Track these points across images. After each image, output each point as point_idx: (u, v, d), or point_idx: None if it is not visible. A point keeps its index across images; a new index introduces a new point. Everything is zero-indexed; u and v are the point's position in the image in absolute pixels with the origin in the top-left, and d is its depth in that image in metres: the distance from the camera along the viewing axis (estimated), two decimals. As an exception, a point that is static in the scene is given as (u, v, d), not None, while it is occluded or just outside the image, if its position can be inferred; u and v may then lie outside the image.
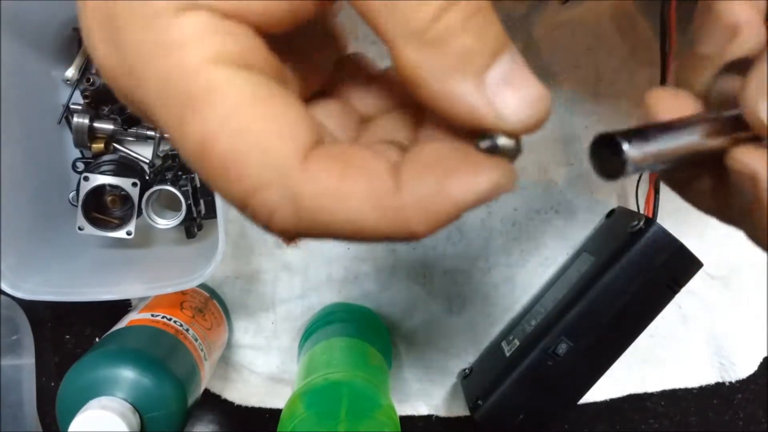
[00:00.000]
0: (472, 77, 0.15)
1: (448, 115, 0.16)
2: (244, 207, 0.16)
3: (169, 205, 0.51)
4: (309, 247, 0.54)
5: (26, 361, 0.55)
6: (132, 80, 0.15)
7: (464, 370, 0.55)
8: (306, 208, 0.15)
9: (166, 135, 0.17)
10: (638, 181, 0.50)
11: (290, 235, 0.16)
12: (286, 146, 0.15)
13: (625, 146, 0.17)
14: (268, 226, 0.16)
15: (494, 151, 0.16)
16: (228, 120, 0.15)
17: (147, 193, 0.48)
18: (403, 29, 0.15)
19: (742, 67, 0.20)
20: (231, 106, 0.15)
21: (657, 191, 0.49)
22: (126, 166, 0.50)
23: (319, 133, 0.16)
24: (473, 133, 0.16)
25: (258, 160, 0.15)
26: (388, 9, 0.15)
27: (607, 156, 0.18)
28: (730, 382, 0.57)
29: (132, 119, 0.50)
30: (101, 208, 0.49)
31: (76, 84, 0.50)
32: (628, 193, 0.52)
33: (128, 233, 0.48)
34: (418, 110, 0.20)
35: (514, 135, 0.16)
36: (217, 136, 0.15)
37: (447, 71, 0.15)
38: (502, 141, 0.16)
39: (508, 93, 0.15)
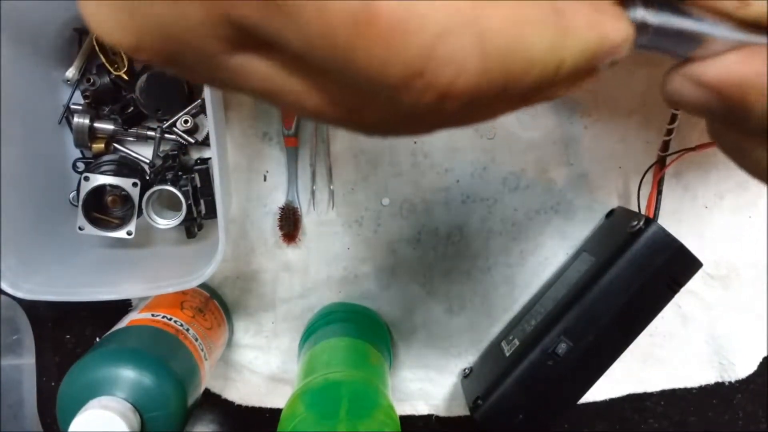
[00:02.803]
0: None
1: None
2: (419, 75, 0.13)
3: (170, 205, 0.51)
4: (309, 247, 0.54)
5: (27, 361, 0.55)
6: None
7: (464, 369, 0.55)
8: (493, 46, 0.13)
9: (293, 13, 0.12)
10: (641, 181, 0.50)
11: (470, 96, 0.13)
12: None
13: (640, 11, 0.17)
14: (446, 95, 0.13)
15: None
16: None
17: (147, 193, 0.48)
18: None
19: None
20: None
21: (659, 191, 0.49)
22: (126, 166, 0.50)
23: None
24: None
25: (435, 5, 0.12)
26: None
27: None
28: (730, 382, 0.57)
29: (132, 119, 0.51)
30: (102, 208, 0.49)
31: (76, 84, 0.50)
32: (629, 193, 0.52)
33: (129, 233, 0.48)
34: None
35: None
36: None
37: None
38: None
39: None
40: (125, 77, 0.49)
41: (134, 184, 0.47)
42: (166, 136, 0.51)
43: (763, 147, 0.19)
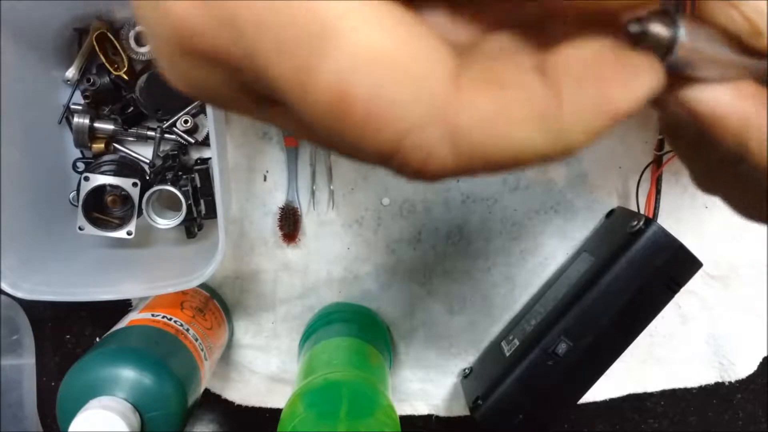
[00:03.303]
0: None
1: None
2: (391, 156, 0.14)
3: (170, 205, 0.51)
4: (309, 247, 0.54)
5: (27, 361, 0.55)
6: (234, 33, 0.13)
7: (464, 369, 0.55)
8: (465, 140, 0.13)
9: (285, 95, 0.14)
10: (639, 180, 0.50)
11: (446, 174, 0.14)
12: (436, 72, 0.13)
13: (681, 30, 0.15)
14: (420, 173, 0.14)
15: (643, 39, 0.14)
16: (365, 54, 0.13)
17: (147, 193, 0.48)
18: None
19: None
20: (364, 41, 0.13)
21: (658, 191, 0.49)
22: (126, 166, 0.50)
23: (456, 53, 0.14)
24: (614, 23, 0.15)
25: (408, 96, 0.13)
26: None
27: (656, 29, 0.15)
28: (730, 382, 0.57)
29: (132, 119, 0.51)
30: (101, 208, 0.49)
31: (76, 84, 0.50)
32: (629, 193, 0.52)
33: (128, 233, 0.48)
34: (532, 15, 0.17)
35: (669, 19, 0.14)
36: (355, 76, 0.13)
37: None
38: (657, 28, 0.14)
39: None
40: (125, 77, 0.49)
41: (134, 184, 0.47)
42: (166, 136, 0.51)
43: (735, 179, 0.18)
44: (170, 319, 0.47)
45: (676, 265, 0.44)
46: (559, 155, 0.14)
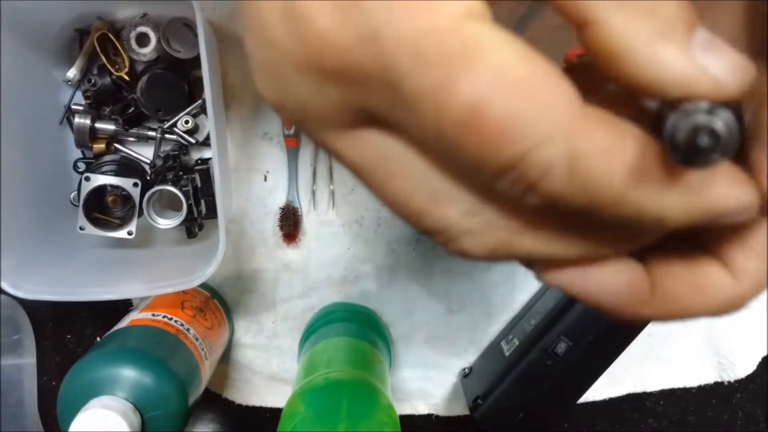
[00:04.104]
0: (680, 42, 0.14)
1: (656, 84, 0.15)
2: (512, 168, 0.14)
3: (170, 205, 0.51)
4: (309, 247, 0.54)
5: (27, 361, 0.55)
6: (375, 49, 0.14)
7: (464, 369, 0.55)
8: (581, 167, 0.14)
9: (415, 108, 0.14)
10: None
11: (554, 196, 0.15)
12: (565, 102, 0.14)
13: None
14: (533, 189, 0.15)
15: (694, 141, 0.13)
16: (502, 77, 0.14)
17: (148, 193, 0.48)
18: None
19: None
20: (501, 63, 0.14)
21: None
22: (127, 167, 0.50)
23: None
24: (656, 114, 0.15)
25: (538, 116, 0.14)
26: None
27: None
28: (729, 382, 0.57)
29: (133, 119, 0.51)
30: (102, 208, 0.49)
31: (77, 84, 0.50)
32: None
33: (129, 233, 0.49)
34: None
35: (730, 101, 0.14)
36: (491, 95, 0.14)
37: (655, 38, 0.14)
38: (719, 124, 0.13)
39: (716, 57, 0.14)
40: (126, 78, 0.49)
41: (135, 185, 0.48)
42: (167, 136, 0.51)
43: None
44: (171, 319, 0.47)
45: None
46: (656, 221, 0.15)
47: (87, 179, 0.47)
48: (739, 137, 0.13)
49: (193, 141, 0.51)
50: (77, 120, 0.49)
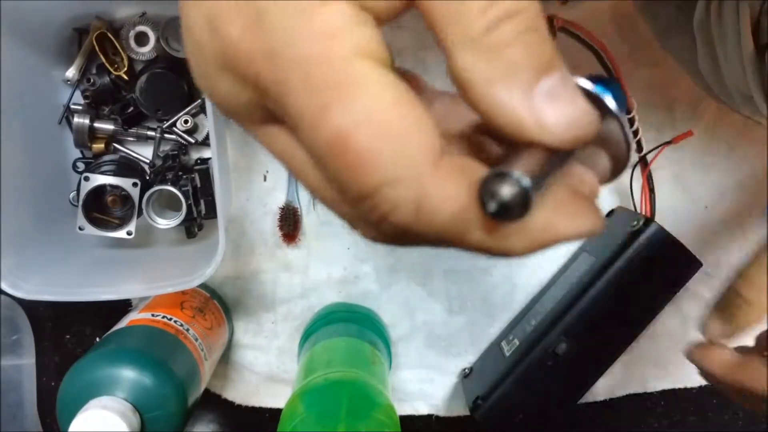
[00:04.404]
0: (520, 88, 0.15)
1: (494, 122, 0.16)
2: (364, 199, 0.16)
3: (170, 205, 0.51)
4: (309, 247, 0.54)
5: (27, 361, 0.55)
6: (272, 64, 0.16)
7: (464, 369, 0.55)
8: (427, 210, 0.16)
9: (296, 122, 0.16)
10: (630, 180, 0.50)
11: (395, 234, 0.17)
12: (423, 148, 0.15)
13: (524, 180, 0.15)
14: (381, 222, 0.16)
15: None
16: (371, 115, 0.15)
17: (147, 193, 0.48)
18: (461, 34, 0.15)
19: None
20: (375, 102, 0.15)
21: (651, 190, 0.49)
22: (126, 166, 0.50)
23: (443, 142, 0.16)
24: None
25: (394, 157, 0.15)
26: (450, 13, 0.15)
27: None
28: (730, 382, 0.56)
29: (132, 119, 0.51)
30: (102, 208, 0.49)
31: (76, 84, 0.50)
32: (628, 193, 0.52)
33: (128, 233, 0.48)
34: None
35: (556, 149, 0.16)
36: (357, 129, 0.15)
37: (497, 78, 0.15)
38: (505, 191, 0.15)
39: (552, 107, 0.16)
40: (125, 77, 0.49)
41: (134, 184, 0.47)
42: (166, 136, 0.51)
43: None
44: (170, 319, 0.47)
45: (676, 265, 0.44)
46: (497, 254, 0.17)
47: (86, 179, 0.47)
48: (532, 198, 0.15)
49: (192, 141, 0.51)
50: (76, 120, 0.49)
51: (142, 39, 0.49)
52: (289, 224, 0.53)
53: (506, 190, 0.15)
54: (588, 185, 0.19)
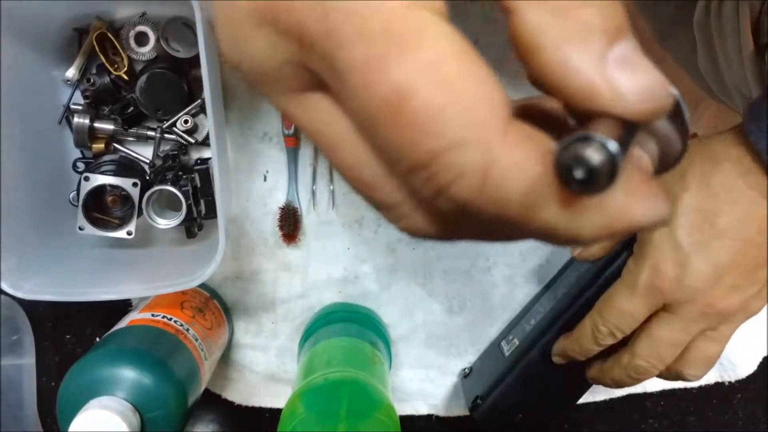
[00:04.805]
0: (594, 51, 0.14)
1: (561, 88, 0.14)
2: (421, 168, 0.14)
3: (170, 205, 0.51)
4: (309, 247, 0.54)
5: (27, 361, 0.55)
6: (321, 13, 0.14)
7: (464, 369, 0.55)
8: (495, 180, 0.14)
9: (345, 79, 0.14)
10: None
11: (450, 213, 0.15)
12: (492, 109, 0.14)
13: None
14: (437, 197, 0.14)
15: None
16: (434, 69, 0.13)
17: (147, 193, 0.48)
18: None
19: None
20: (438, 55, 0.14)
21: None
22: (126, 166, 0.50)
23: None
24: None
25: (459, 117, 0.13)
26: None
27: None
28: (730, 382, 0.57)
29: (132, 119, 0.50)
30: (102, 208, 0.49)
31: (76, 84, 0.50)
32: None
33: (128, 233, 0.48)
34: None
35: (635, 120, 0.14)
36: (418, 84, 0.13)
37: (570, 41, 0.14)
38: (595, 157, 0.13)
39: (628, 74, 0.14)
40: (125, 77, 0.49)
41: (134, 184, 0.47)
42: (166, 136, 0.51)
43: None
44: (170, 319, 0.47)
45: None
46: (565, 240, 0.15)
47: (86, 179, 0.47)
48: (619, 166, 0.13)
49: (192, 141, 0.51)
50: (76, 120, 0.49)
51: (142, 39, 0.49)
52: (289, 224, 0.53)
53: (595, 155, 0.13)
54: (645, 170, 0.17)
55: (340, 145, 0.16)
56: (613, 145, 0.13)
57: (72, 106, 0.50)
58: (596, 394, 0.57)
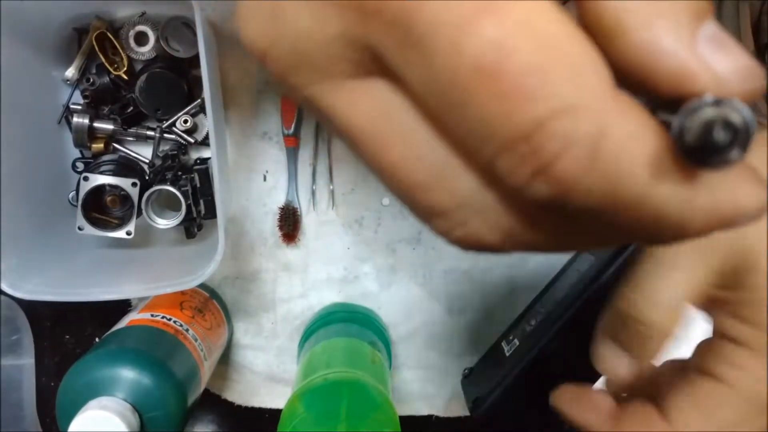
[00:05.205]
0: (685, 31, 0.13)
1: (651, 72, 0.13)
2: (526, 138, 0.12)
3: (169, 205, 0.51)
4: (309, 247, 0.54)
5: (26, 361, 0.55)
6: None
7: (464, 370, 0.55)
8: (608, 151, 0.12)
9: (428, 42, 0.12)
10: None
11: (554, 192, 0.13)
12: (599, 72, 0.12)
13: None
14: (543, 171, 0.12)
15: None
16: (533, 26, 0.12)
17: (147, 193, 0.48)
18: None
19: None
20: (538, 12, 0.12)
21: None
22: (126, 166, 0.50)
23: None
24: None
25: (568, 80, 0.12)
26: None
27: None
28: (730, 382, 0.56)
29: (132, 119, 0.50)
30: (101, 208, 0.49)
31: (76, 84, 0.50)
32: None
33: (128, 233, 0.48)
34: None
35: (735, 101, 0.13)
36: (518, 41, 0.12)
37: (657, 20, 0.13)
38: (734, 116, 0.12)
39: (719, 55, 0.13)
40: (125, 77, 0.49)
41: (134, 184, 0.47)
42: (166, 135, 0.51)
43: None
44: (170, 320, 0.47)
45: (676, 265, 0.44)
46: (672, 229, 0.13)
47: (85, 179, 0.47)
48: (753, 134, 0.12)
49: (192, 140, 0.51)
50: (76, 119, 0.49)
51: (141, 39, 0.49)
52: (289, 224, 0.53)
53: (735, 116, 0.11)
54: None
55: (395, 141, 0.14)
56: (747, 110, 0.12)
57: (71, 106, 0.50)
58: (596, 395, 0.56)
